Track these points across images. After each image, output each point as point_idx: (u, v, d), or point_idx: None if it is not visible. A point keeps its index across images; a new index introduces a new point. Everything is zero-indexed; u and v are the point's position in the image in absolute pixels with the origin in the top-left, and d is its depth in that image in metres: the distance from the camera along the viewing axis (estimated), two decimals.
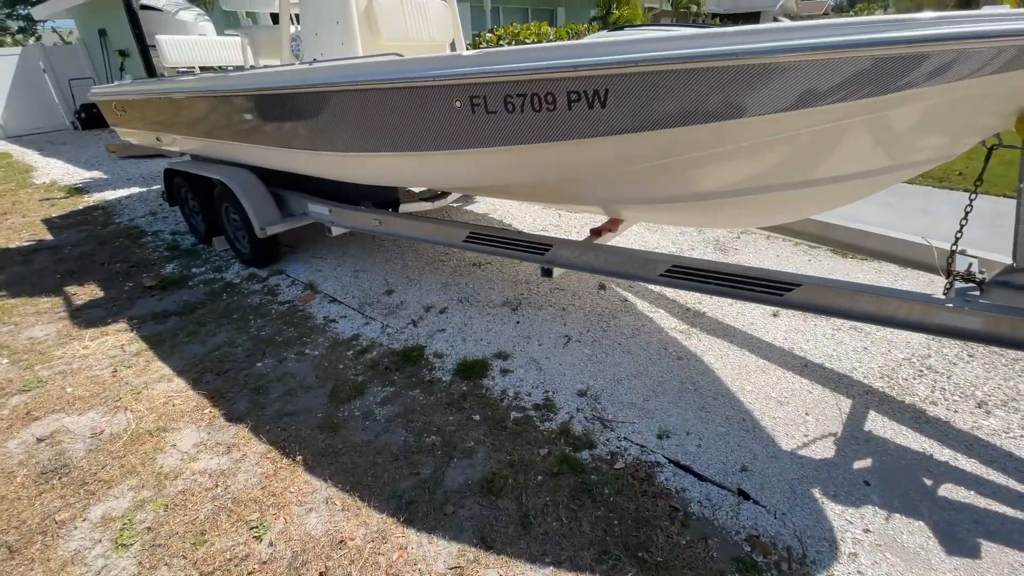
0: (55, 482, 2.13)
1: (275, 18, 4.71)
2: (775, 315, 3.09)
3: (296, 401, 2.57)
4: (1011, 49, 1.43)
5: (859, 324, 2.87)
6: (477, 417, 2.39)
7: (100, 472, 2.17)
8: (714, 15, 29.70)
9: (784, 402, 2.39)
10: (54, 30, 25.40)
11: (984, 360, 2.61)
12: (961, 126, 1.81)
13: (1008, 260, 1.99)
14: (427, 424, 2.36)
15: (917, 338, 2.78)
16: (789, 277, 2.23)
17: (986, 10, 1.65)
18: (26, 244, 5.12)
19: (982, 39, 1.41)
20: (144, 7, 4.79)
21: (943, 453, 2.06)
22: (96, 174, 8.16)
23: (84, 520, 1.95)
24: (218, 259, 4.42)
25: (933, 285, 2.71)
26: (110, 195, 6.80)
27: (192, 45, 4.64)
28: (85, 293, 3.92)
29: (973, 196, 2.00)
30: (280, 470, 2.14)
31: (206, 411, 2.52)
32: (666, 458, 2.11)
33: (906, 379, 2.51)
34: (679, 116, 1.79)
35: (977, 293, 1.98)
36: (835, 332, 2.90)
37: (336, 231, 3.74)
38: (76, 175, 8.17)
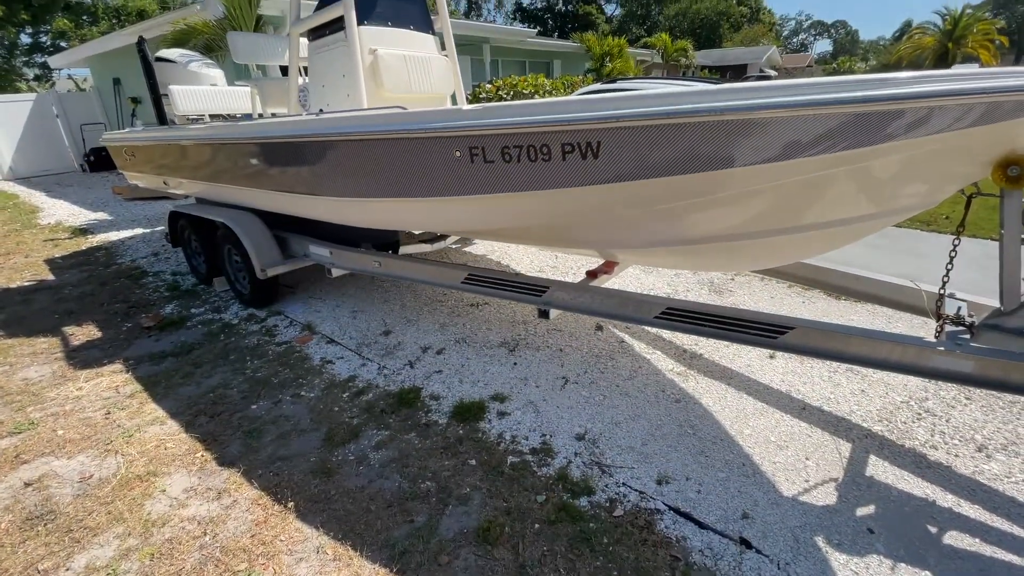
0: (40, 529, 2.08)
1: (284, 70, 4.94)
2: (772, 357, 3.10)
3: (290, 445, 2.53)
4: (979, 106, 1.52)
5: (855, 367, 2.88)
6: (473, 462, 2.36)
7: (86, 519, 2.12)
8: (703, 67, 31.13)
9: (784, 446, 2.37)
10: (70, 77, 26.40)
11: (982, 403, 2.61)
12: (940, 175, 1.89)
13: (997, 303, 2.03)
14: (422, 469, 2.32)
15: (914, 381, 2.79)
16: (782, 320, 2.27)
17: (956, 69, 1.77)
18: (27, 284, 5.15)
19: (952, 97, 1.50)
20: (159, 59, 5.02)
21: (946, 499, 2.03)
22: (101, 215, 8.31)
23: (67, 570, 1.89)
24: (217, 300, 4.45)
25: (927, 328, 2.74)
26: (114, 236, 6.90)
27: (202, 94, 4.84)
28: (83, 334, 3.92)
29: (956, 241, 2.07)
30: (271, 517, 2.09)
31: (198, 455, 2.48)
32: (666, 505, 2.08)
33: (905, 422, 2.49)
34: (668, 166, 1.86)
35: (968, 337, 2.01)
36: (832, 374, 2.91)
37: (336, 273, 3.79)
38: (81, 216, 8.31)
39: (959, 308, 2.15)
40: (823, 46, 78.47)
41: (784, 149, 1.70)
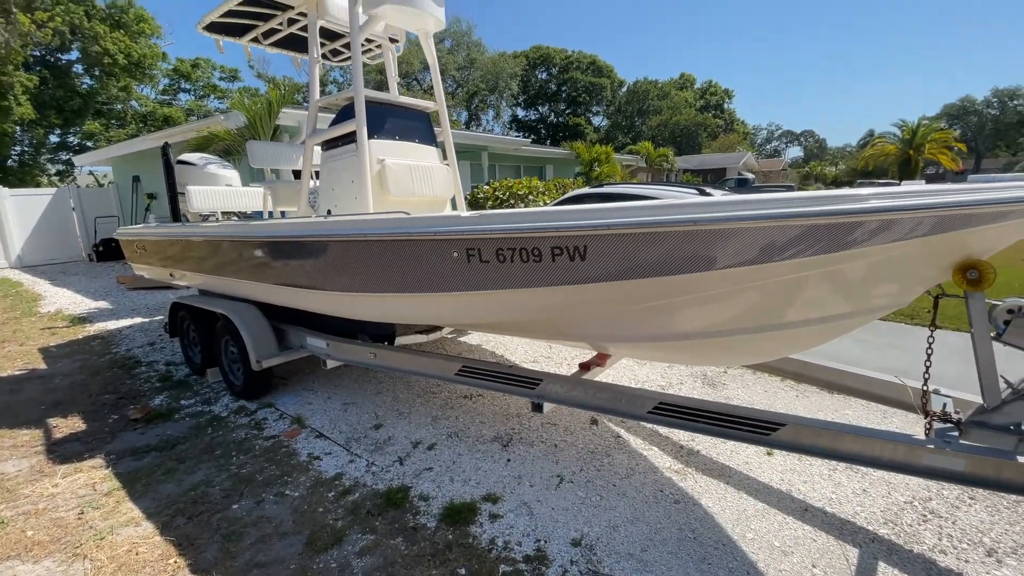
0: None
1: (296, 173, 5.34)
2: (769, 454, 3.05)
3: (269, 549, 2.40)
4: (930, 219, 1.70)
5: (854, 465, 2.84)
6: (463, 572, 2.23)
7: None
8: (685, 171, 33.54)
9: (788, 552, 2.27)
10: (91, 173, 27.95)
11: (986, 503, 2.54)
12: (907, 277, 2.03)
13: (980, 399, 2.08)
14: None
15: (915, 480, 2.73)
16: (773, 416, 2.29)
17: (905, 186, 1.98)
18: (18, 373, 5.10)
19: (906, 211, 1.67)
20: (180, 162, 5.42)
21: None
22: (102, 304, 8.42)
23: None
24: (209, 391, 4.40)
25: (921, 423, 2.74)
26: (112, 325, 6.95)
27: (217, 194, 5.17)
28: (67, 426, 3.83)
29: (931, 339, 2.16)
30: None
31: (171, 560, 2.33)
32: None
33: (911, 525, 2.41)
34: (650, 268, 2.01)
35: (956, 434, 2.03)
36: (832, 472, 2.85)
37: (331, 364, 3.81)
38: (82, 304, 8.41)
39: (944, 404, 2.19)
40: (795, 152, 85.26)
41: (759, 254, 1.84)
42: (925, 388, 2.14)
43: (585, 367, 3.26)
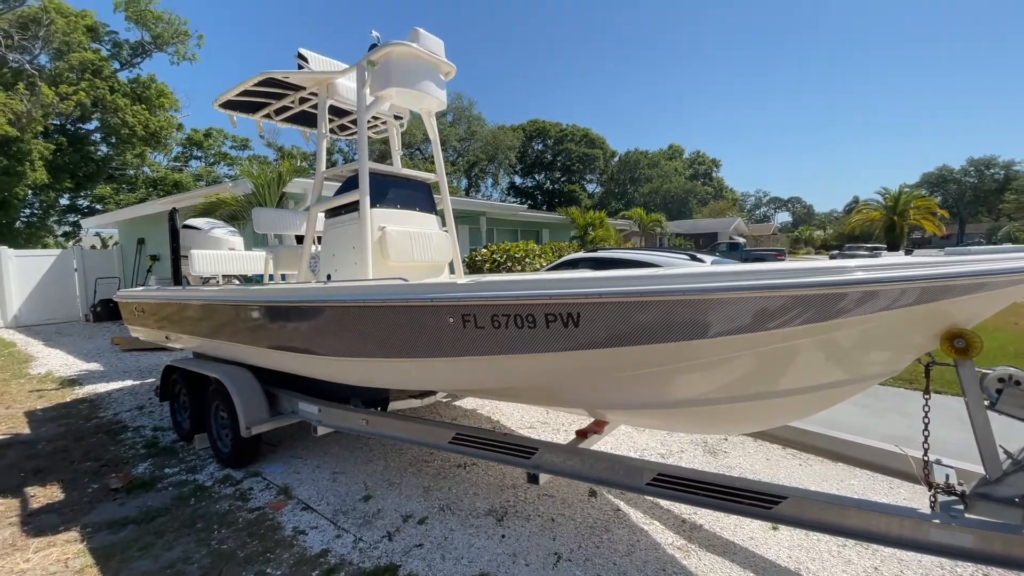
0: None
1: (299, 239, 5.48)
2: (775, 529, 2.93)
3: None
4: (912, 290, 1.75)
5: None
6: None
7: None
8: (677, 235, 34.47)
9: None
10: (97, 234, 28.46)
11: None
12: (897, 345, 2.06)
13: (983, 469, 2.04)
14: None
15: (927, 556, 2.61)
16: (775, 489, 2.23)
17: (885, 258, 2.06)
18: (1, 438, 4.94)
19: (889, 283, 1.73)
20: (186, 226, 5.58)
21: None
22: (94, 366, 8.31)
23: None
24: (195, 459, 4.26)
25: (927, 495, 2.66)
26: (102, 388, 6.83)
27: (220, 258, 5.27)
28: (45, 495, 3.67)
29: (926, 408, 2.16)
30: None
31: None
32: None
33: None
34: (642, 335, 2.04)
35: (961, 507, 1.97)
36: (840, 549, 2.73)
37: (322, 431, 3.73)
38: (74, 366, 8.30)
39: (947, 476, 2.15)
40: (783, 217, 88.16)
41: (751, 322, 1.88)
42: (926, 459, 2.10)
43: (582, 434, 3.20)
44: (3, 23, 21.47)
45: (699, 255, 6.66)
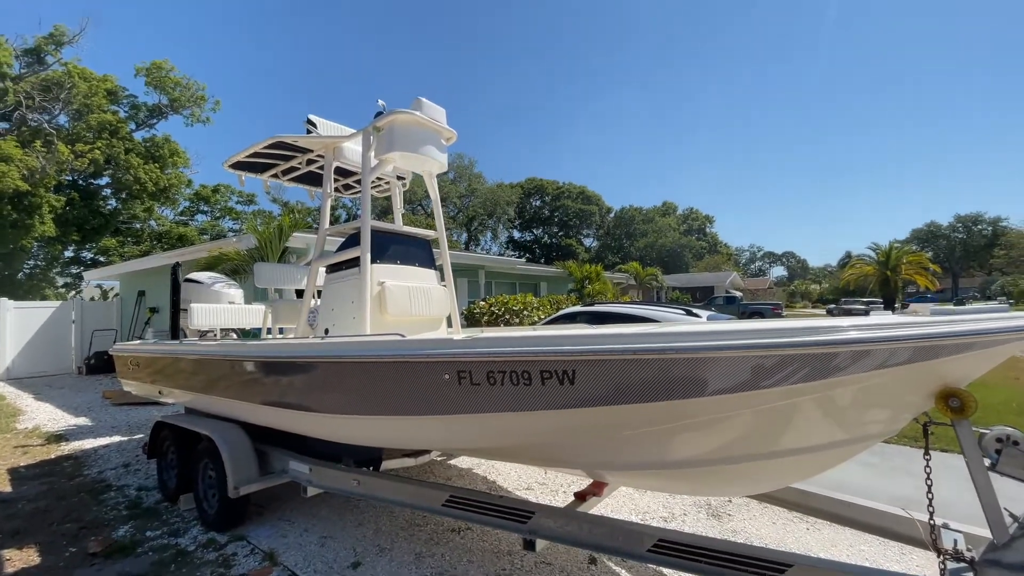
0: None
1: (300, 293, 5.54)
2: None
3: None
4: (904, 350, 1.78)
5: None
6: None
7: None
8: (674, 288, 34.80)
9: None
10: (99, 286, 28.58)
11: None
12: (893, 404, 2.06)
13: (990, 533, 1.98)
14: None
15: None
16: (780, 556, 2.15)
17: (874, 317, 2.09)
18: None
19: (881, 343, 1.76)
20: (188, 280, 5.64)
21: None
22: (82, 420, 8.12)
23: None
24: (178, 520, 4.09)
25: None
26: (89, 444, 6.64)
27: (219, 311, 5.31)
28: (20, 559, 3.49)
29: (928, 469, 2.14)
30: None
31: None
32: None
33: None
34: (638, 393, 2.04)
35: (971, 575, 1.90)
36: None
37: (311, 492, 3.61)
38: (62, 421, 8.11)
39: (956, 541, 2.09)
40: (778, 271, 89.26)
41: (747, 380, 1.88)
42: (932, 522, 2.05)
43: (581, 497, 3.11)
44: (26, 85, 22.62)
45: (694, 310, 6.72)
